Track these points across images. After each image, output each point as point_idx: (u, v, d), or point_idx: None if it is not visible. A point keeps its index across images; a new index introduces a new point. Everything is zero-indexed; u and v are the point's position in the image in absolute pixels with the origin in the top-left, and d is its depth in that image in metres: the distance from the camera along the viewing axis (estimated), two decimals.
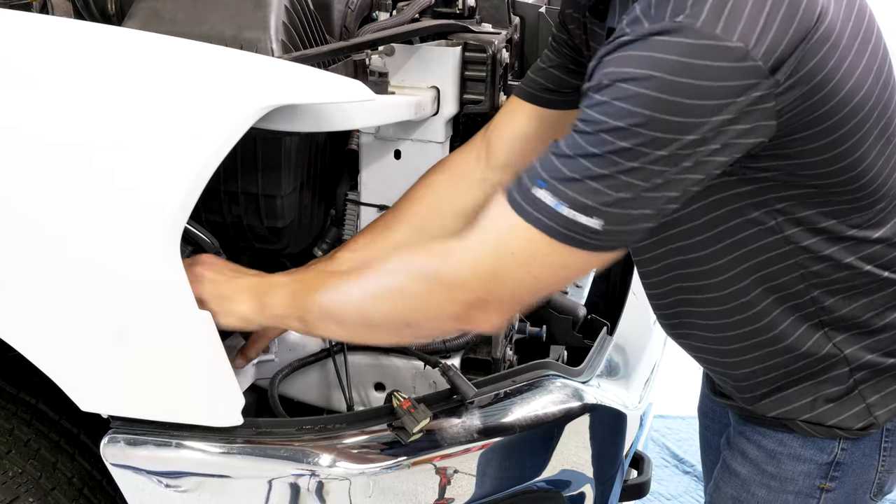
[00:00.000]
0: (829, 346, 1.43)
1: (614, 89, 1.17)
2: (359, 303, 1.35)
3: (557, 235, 1.20)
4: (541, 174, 1.21)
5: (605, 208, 1.18)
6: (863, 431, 1.45)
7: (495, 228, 1.26)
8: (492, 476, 1.62)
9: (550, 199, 1.20)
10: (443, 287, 1.28)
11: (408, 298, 1.31)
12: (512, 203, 1.24)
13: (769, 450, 1.51)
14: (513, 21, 1.73)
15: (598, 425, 1.76)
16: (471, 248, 1.27)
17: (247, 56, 1.49)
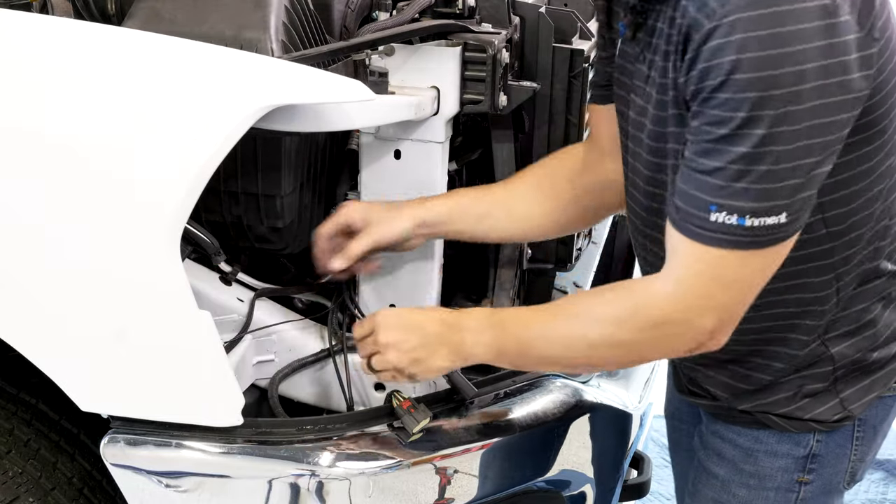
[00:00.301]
0: (816, 343, 1.44)
1: (732, 83, 1.16)
2: (580, 355, 1.40)
3: (756, 246, 1.23)
4: (706, 199, 1.22)
5: (782, 201, 1.20)
6: (837, 424, 1.47)
7: (697, 264, 1.27)
8: (492, 476, 1.62)
9: (730, 218, 1.21)
10: (675, 334, 1.32)
11: (635, 348, 1.37)
12: (696, 237, 1.25)
13: (745, 448, 1.52)
14: (513, 21, 1.72)
15: (600, 425, 1.76)
16: (686, 290, 1.29)
17: (247, 56, 1.49)
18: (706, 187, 1.22)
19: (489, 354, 1.44)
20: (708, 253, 1.25)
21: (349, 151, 1.77)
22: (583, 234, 1.99)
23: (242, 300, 1.70)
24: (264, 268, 1.85)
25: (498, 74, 1.64)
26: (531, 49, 1.75)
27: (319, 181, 1.76)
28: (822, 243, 1.36)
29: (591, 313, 1.39)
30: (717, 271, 1.26)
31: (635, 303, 1.35)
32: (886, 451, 3.51)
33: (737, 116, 1.17)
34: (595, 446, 1.76)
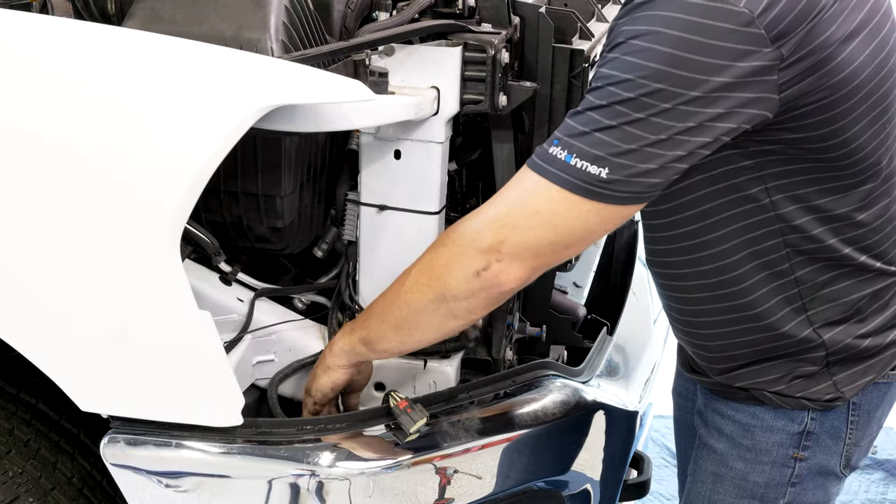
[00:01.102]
0: (808, 330, 1.49)
1: (625, 46, 1.26)
2: (398, 288, 1.46)
3: (569, 186, 1.29)
4: (556, 135, 1.32)
5: (611, 158, 1.26)
6: (830, 403, 1.52)
7: (516, 188, 1.36)
8: (492, 476, 1.62)
9: (562, 153, 1.29)
10: (461, 243, 1.37)
11: (433, 264, 1.41)
12: (531, 165, 1.34)
13: (743, 423, 1.56)
14: (513, 21, 1.72)
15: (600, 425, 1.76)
16: (492, 206, 1.37)
17: (247, 56, 1.49)
18: (562, 126, 1.32)
19: (341, 335, 1.54)
20: (528, 178, 1.33)
21: (349, 151, 1.77)
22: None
23: (242, 300, 1.70)
24: (264, 268, 1.85)
25: (498, 74, 1.64)
26: (531, 49, 1.75)
27: (319, 181, 1.76)
28: (766, 210, 1.42)
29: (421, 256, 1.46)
30: (525, 195, 1.33)
31: (453, 226, 1.42)
32: (886, 451, 3.51)
33: (614, 75, 1.26)
34: (595, 446, 1.76)
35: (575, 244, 1.35)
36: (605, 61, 1.29)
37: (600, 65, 1.29)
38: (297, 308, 1.79)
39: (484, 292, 1.38)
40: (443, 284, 1.40)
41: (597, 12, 2.00)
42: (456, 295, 1.40)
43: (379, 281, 1.74)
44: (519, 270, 1.35)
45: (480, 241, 1.35)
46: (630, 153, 1.25)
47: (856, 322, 1.49)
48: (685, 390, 1.83)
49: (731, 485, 1.59)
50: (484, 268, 1.35)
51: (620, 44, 1.26)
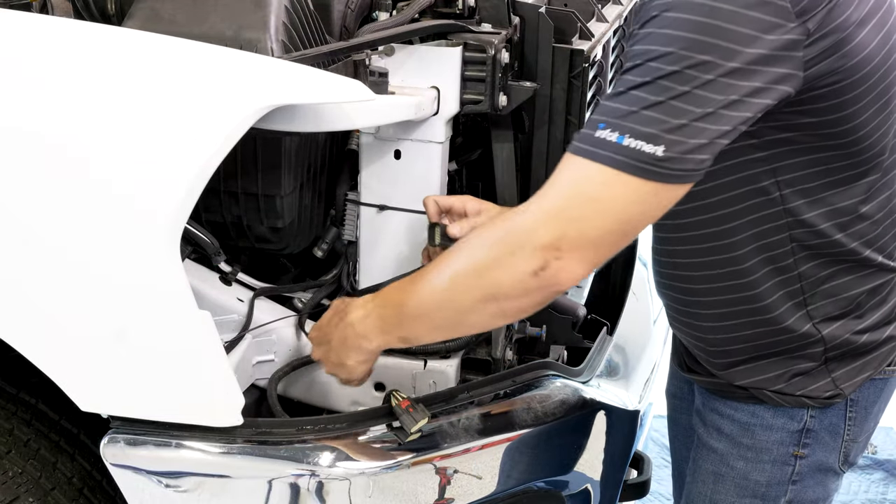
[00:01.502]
0: (808, 325, 1.49)
1: (659, 19, 1.24)
2: (443, 290, 1.35)
3: (627, 167, 1.23)
4: (599, 118, 1.26)
5: (664, 135, 1.22)
6: (829, 401, 1.52)
7: (566, 177, 1.28)
8: (492, 476, 1.62)
9: (613, 134, 1.23)
10: (516, 242, 1.28)
11: (486, 266, 1.31)
12: (578, 151, 1.26)
13: (742, 422, 1.57)
14: (513, 21, 1.72)
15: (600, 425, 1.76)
16: (543, 198, 1.28)
17: (247, 56, 1.49)
18: (603, 109, 1.27)
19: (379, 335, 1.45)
20: (578, 165, 1.26)
21: (349, 151, 1.77)
22: None
23: (242, 300, 1.70)
24: (264, 268, 1.85)
25: (498, 74, 1.64)
26: (531, 49, 1.75)
27: (319, 181, 1.76)
28: (776, 204, 1.41)
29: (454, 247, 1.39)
30: (580, 184, 1.26)
31: (495, 221, 1.36)
32: (886, 451, 3.51)
33: (651, 49, 1.23)
34: (596, 446, 1.76)
35: (630, 232, 1.29)
36: (638, 38, 1.26)
37: (633, 43, 1.27)
38: (297, 308, 1.79)
39: (540, 292, 1.30)
40: (494, 285, 1.31)
41: (597, 12, 2.00)
42: (508, 295, 1.32)
43: (379, 281, 1.74)
44: (579, 267, 1.27)
45: (537, 239, 1.26)
46: (681, 128, 1.22)
47: (854, 317, 1.50)
48: (679, 391, 1.83)
49: (733, 484, 1.59)
50: (542, 267, 1.27)
51: (654, 17, 1.24)
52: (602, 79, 2.00)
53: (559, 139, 1.79)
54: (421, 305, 1.39)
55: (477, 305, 1.34)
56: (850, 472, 3.33)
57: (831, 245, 1.45)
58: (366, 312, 1.46)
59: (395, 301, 1.43)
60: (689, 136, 1.22)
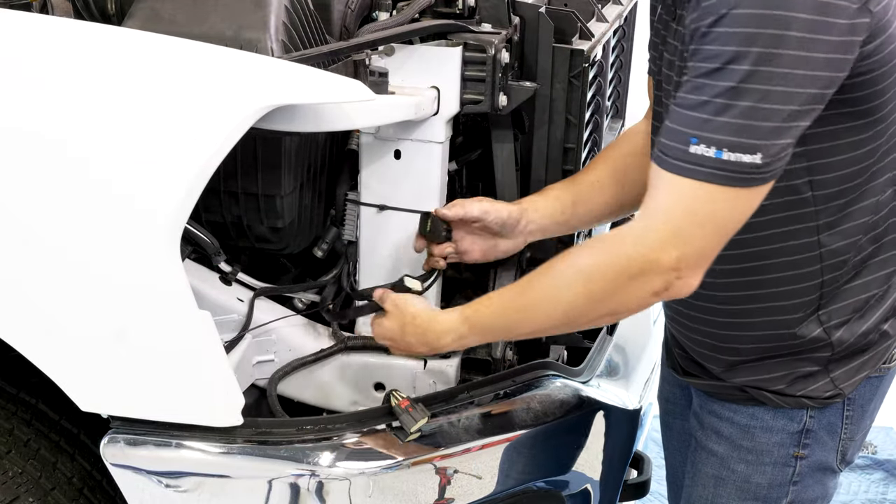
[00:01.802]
0: (819, 330, 1.48)
1: (730, 18, 1.21)
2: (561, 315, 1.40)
3: (731, 182, 1.25)
4: (688, 132, 1.25)
5: (759, 141, 1.23)
6: (829, 401, 1.52)
7: (669, 197, 1.29)
8: (492, 476, 1.62)
9: (709, 150, 1.24)
10: (639, 271, 1.31)
11: (607, 294, 1.35)
12: (673, 168, 1.27)
13: (742, 425, 1.56)
14: (513, 21, 1.72)
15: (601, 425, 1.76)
16: (654, 226, 1.30)
17: (247, 56, 1.49)
18: (690, 121, 1.25)
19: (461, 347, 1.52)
20: (682, 184, 1.26)
21: (349, 151, 1.77)
22: (583, 234, 1.99)
23: (242, 300, 1.70)
24: (264, 268, 1.85)
25: (498, 74, 1.64)
26: (531, 49, 1.75)
27: (319, 181, 1.76)
28: (807, 205, 1.40)
29: (566, 272, 1.40)
30: (688, 204, 1.28)
31: (605, 245, 1.38)
32: (886, 451, 3.51)
33: (728, 50, 1.21)
34: (596, 446, 1.76)
35: (734, 231, 1.33)
36: (711, 37, 1.22)
37: (704, 42, 1.23)
38: (297, 308, 1.79)
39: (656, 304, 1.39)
40: (615, 305, 1.37)
41: (597, 12, 2.00)
42: (627, 311, 1.40)
43: (379, 281, 1.74)
44: (695, 280, 1.32)
45: (658, 264, 1.29)
46: (773, 131, 1.23)
47: (859, 319, 1.50)
48: (672, 395, 1.81)
49: (734, 487, 1.59)
50: (664, 288, 1.32)
51: (724, 16, 1.21)
52: (602, 79, 2.00)
53: (559, 139, 1.79)
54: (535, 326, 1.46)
55: (593, 321, 1.42)
56: (850, 472, 3.34)
57: (850, 247, 1.44)
58: (458, 336, 1.49)
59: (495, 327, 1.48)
60: (780, 137, 1.24)
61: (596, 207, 1.71)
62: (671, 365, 1.73)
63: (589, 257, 1.38)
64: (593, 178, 1.71)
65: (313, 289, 1.81)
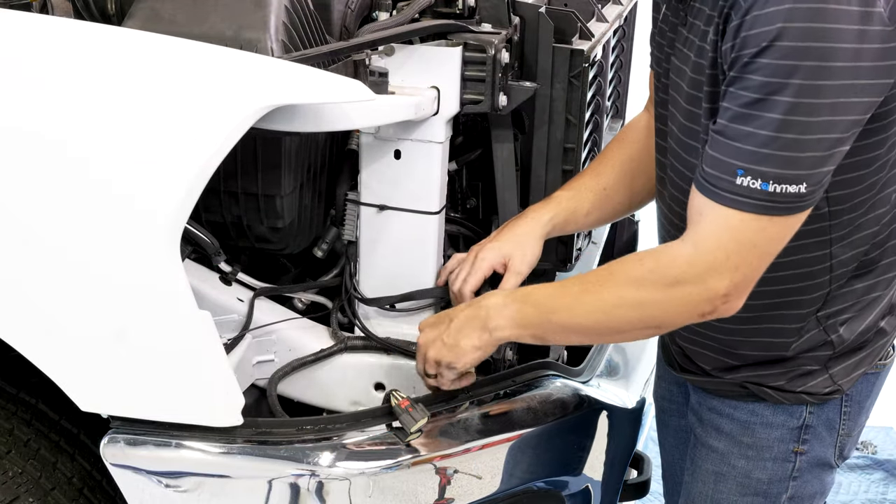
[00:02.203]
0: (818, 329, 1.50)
1: (774, 50, 1.22)
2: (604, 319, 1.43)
3: (778, 212, 1.29)
4: (735, 163, 1.28)
5: (804, 171, 1.26)
6: (827, 396, 1.54)
7: (718, 227, 1.32)
8: (492, 476, 1.62)
9: (755, 182, 1.27)
10: (690, 294, 1.35)
11: (655, 309, 1.39)
12: (721, 200, 1.30)
13: (742, 421, 1.57)
14: (513, 21, 1.72)
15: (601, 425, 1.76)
16: (705, 251, 1.33)
17: (247, 56, 1.49)
18: (735, 152, 1.27)
19: (513, 327, 1.49)
20: (730, 215, 1.30)
21: (349, 151, 1.77)
22: (583, 234, 1.99)
23: (242, 300, 1.70)
24: (264, 268, 1.85)
25: (498, 74, 1.64)
26: (531, 49, 1.75)
27: (319, 181, 1.76)
28: (823, 220, 1.42)
29: (613, 277, 1.43)
30: (737, 234, 1.31)
31: (656, 263, 1.39)
32: (886, 451, 3.51)
33: (773, 82, 1.23)
34: (596, 446, 1.76)
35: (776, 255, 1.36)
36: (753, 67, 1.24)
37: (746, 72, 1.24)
38: (297, 308, 1.79)
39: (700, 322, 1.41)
40: (660, 322, 1.43)
41: (597, 12, 2.00)
42: (671, 326, 1.45)
43: (379, 281, 1.74)
44: (740, 302, 1.37)
45: (707, 291, 1.34)
46: (818, 161, 1.26)
47: (858, 318, 1.51)
48: (668, 393, 1.82)
49: (734, 483, 1.60)
50: (710, 311, 1.36)
51: (766, 48, 1.22)
52: (602, 79, 2.00)
53: (559, 139, 1.79)
54: (573, 319, 1.46)
55: (636, 332, 1.47)
56: (850, 472, 3.34)
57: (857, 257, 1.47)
58: (504, 303, 1.50)
59: (542, 304, 1.48)
60: (823, 165, 1.27)
61: (605, 214, 1.74)
62: (668, 362, 1.73)
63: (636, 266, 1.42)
64: (603, 185, 1.73)
65: (313, 289, 1.81)
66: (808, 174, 1.26)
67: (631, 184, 1.72)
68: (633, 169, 1.72)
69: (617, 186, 1.71)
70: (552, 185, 1.80)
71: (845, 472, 3.36)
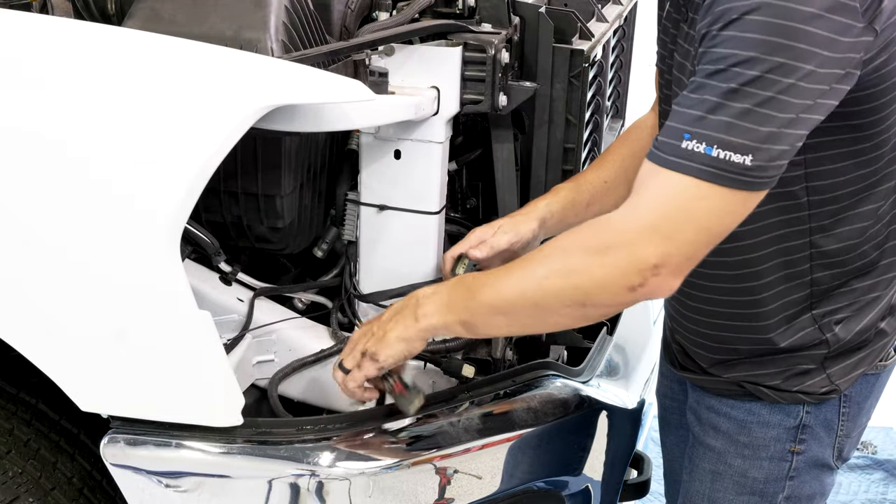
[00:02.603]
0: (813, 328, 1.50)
1: (741, 23, 1.21)
2: (530, 291, 1.35)
3: (720, 180, 1.24)
4: (682, 127, 1.25)
5: (752, 143, 1.23)
6: (825, 396, 1.53)
7: (657, 191, 1.28)
8: (492, 476, 1.62)
9: (699, 146, 1.24)
10: (616, 259, 1.28)
11: (581, 277, 1.31)
12: (664, 163, 1.27)
13: (739, 420, 1.57)
14: (513, 21, 1.72)
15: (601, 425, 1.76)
16: (638, 215, 1.28)
17: (247, 56, 1.49)
18: (685, 118, 1.25)
19: (440, 313, 1.42)
20: (669, 179, 1.26)
21: (349, 151, 1.77)
22: None
23: (242, 300, 1.70)
24: (264, 268, 1.85)
25: (498, 74, 1.64)
26: (531, 49, 1.75)
27: (319, 181, 1.76)
28: (801, 209, 1.42)
29: (546, 248, 1.37)
30: (674, 199, 1.26)
31: (589, 229, 1.34)
32: (886, 451, 3.51)
33: (733, 53, 1.22)
34: (596, 446, 1.76)
35: (718, 240, 1.31)
36: (718, 40, 1.24)
37: (712, 45, 1.24)
38: (297, 308, 1.79)
39: (631, 303, 1.33)
40: (587, 295, 1.32)
41: (597, 12, 2.00)
42: (599, 304, 1.33)
43: (379, 281, 1.74)
44: (675, 282, 1.29)
45: (635, 258, 1.26)
46: (769, 136, 1.23)
47: (856, 317, 1.51)
48: (670, 391, 1.83)
49: (731, 482, 1.60)
50: (640, 284, 1.27)
51: (734, 20, 1.22)
52: (602, 79, 2.00)
53: (559, 139, 1.79)
54: (500, 298, 1.37)
55: (563, 309, 1.34)
56: (850, 472, 3.34)
57: (848, 250, 1.46)
58: (435, 290, 1.45)
59: (470, 286, 1.41)
60: (774, 143, 1.23)
61: (606, 207, 1.71)
62: (669, 360, 1.74)
63: (570, 236, 1.36)
64: (604, 178, 1.72)
65: (313, 289, 1.81)
66: (755, 147, 1.22)
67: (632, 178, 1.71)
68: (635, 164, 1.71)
69: (618, 180, 1.71)
70: (552, 185, 1.80)
71: (845, 472, 3.36)
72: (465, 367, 1.65)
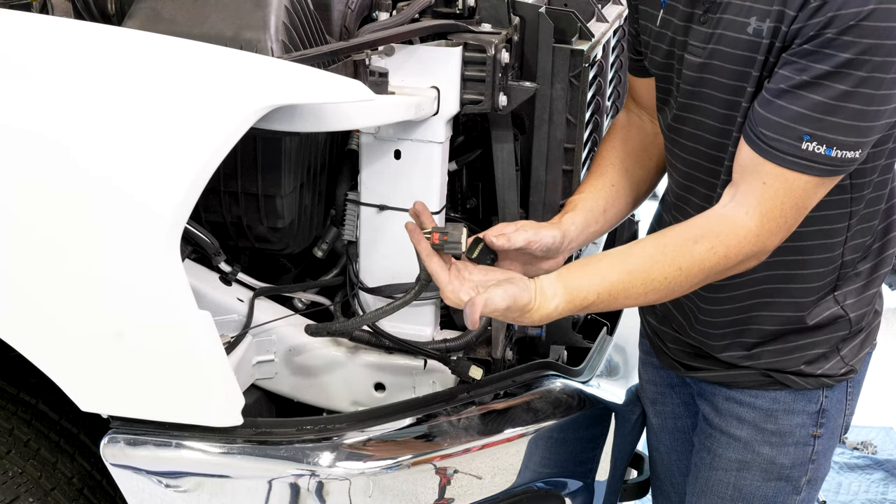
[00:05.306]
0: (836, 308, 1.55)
1: (857, 28, 1.29)
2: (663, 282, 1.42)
3: (829, 174, 1.38)
4: (801, 129, 1.35)
5: (863, 139, 1.36)
6: (844, 377, 1.60)
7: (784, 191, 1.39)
8: (492, 476, 1.62)
9: (820, 147, 1.35)
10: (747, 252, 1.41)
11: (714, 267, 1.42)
12: (783, 163, 1.37)
13: (764, 409, 1.61)
14: (513, 21, 1.72)
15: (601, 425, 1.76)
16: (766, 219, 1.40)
17: (247, 56, 1.49)
18: (802, 118, 1.34)
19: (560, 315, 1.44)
20: (794, 179, 1.37)
21: (349, 151, 1.77)
22: None
23: (242, 300, 1.70)
24: (264, 268, 1.85)
25: (498, 74, 1.64)
26: (531, 49, 1.75)
27: (319, 181, 1.76)
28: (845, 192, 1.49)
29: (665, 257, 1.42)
30: (797, 198, 1.39)
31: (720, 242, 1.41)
32: (886, 451, 3.51)
33: (850, 58, 1.30)
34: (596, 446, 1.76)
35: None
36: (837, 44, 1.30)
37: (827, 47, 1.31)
38: (297, 307, 1.79)
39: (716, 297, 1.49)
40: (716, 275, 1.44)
41: (597, 12, 2.00)
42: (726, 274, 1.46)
43: (379, 281, 1.74)
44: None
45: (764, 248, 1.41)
46: (873, 130, 1.35)
47: (867, 292, 1.57)
48: (661, 396, 1.82)
49: (759, 469, 1.63)
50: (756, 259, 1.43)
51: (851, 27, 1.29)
52: (602, 79, 2.00)
53: (559, 139, 1.79)
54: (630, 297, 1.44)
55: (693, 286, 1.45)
56: (850, 472, 3.34)
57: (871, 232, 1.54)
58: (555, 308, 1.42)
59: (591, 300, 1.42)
60: (876, 133, 1.37)
61: (619, 211, 1.73)
62: (669, 366, 1.73)
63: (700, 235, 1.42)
64: (611, 182, 1.72)
65: (313, 288, 1.81)
66: (864, 141, 1.35)
67: (632, 179, 1.72)
68: (631, 165, 1.73)
69: (622, 182, 1.72)
70: (552, 185, 1.80)
71: (845, 472, 3.36)
72: (472, 369, 1.66)
